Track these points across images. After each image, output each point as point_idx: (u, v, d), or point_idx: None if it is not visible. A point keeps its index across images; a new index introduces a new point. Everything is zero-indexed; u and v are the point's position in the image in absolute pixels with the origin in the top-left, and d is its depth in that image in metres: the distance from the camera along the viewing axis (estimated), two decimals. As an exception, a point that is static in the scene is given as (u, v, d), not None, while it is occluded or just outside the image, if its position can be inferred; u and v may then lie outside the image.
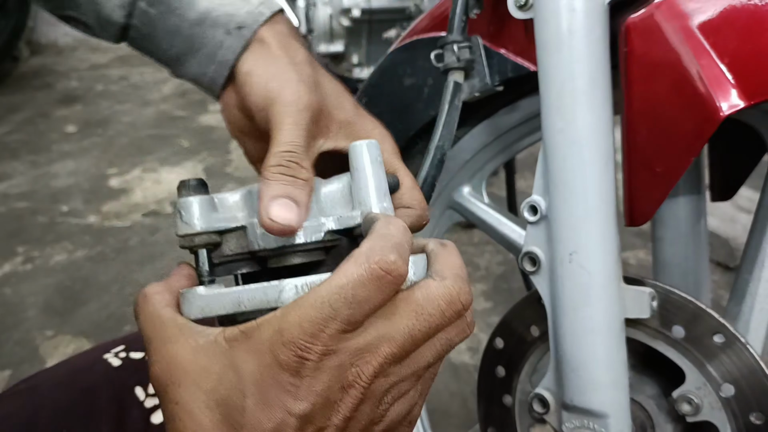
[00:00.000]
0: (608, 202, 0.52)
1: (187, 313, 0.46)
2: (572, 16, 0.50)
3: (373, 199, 0.47)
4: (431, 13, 0.71)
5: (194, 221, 0.48)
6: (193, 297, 0.46)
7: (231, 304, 0.45)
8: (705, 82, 0.49)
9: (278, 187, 0.46)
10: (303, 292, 0.43)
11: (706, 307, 0.57)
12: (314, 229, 0.49)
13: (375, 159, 0.48)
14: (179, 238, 0.49)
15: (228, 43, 0.53)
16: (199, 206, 0.48)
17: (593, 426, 0.56)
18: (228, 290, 0.46)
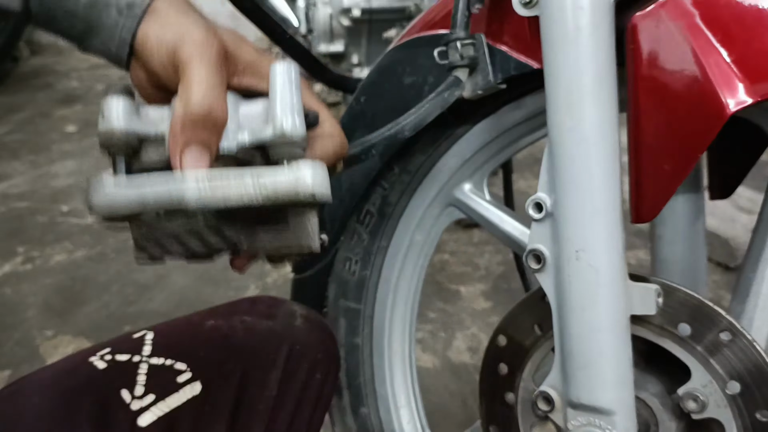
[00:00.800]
0: (615, 198, 0.52)
1: (96, 207, 0.48)
2: (579, 13, 0.49)
3: (285, 112, 0.48)
4: (431, 11, 0.71)
5: (115, 120, 0.48)
6: (102, 191, 0.48)
7: (137, 204, 0.47)
8: (712, 79, 0.49)
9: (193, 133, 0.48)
10: (203, 188, 0.46)
11: (712, 305, 0.57)
12: (228, 141, 0.49)
13: (291, 79, 0.49)
14: (99, 136, 0.49)
15: (122, 23, 0.53)
16: (123, 107, 0.49)
17: (599, 423, 0.56)
18: (133, 190, 0.47)
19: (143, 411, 0.58)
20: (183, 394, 0.60)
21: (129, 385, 0.59)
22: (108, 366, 0.60)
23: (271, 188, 0.47)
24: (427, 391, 1.57)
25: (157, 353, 0.63)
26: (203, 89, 0.49)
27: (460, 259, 2.13)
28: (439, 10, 0.69)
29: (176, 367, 0.62)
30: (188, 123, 0.49)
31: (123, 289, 1.95)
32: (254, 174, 0.47)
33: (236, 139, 0.50)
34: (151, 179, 0.47)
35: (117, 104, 0.48)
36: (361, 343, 0.87)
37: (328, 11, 2.43)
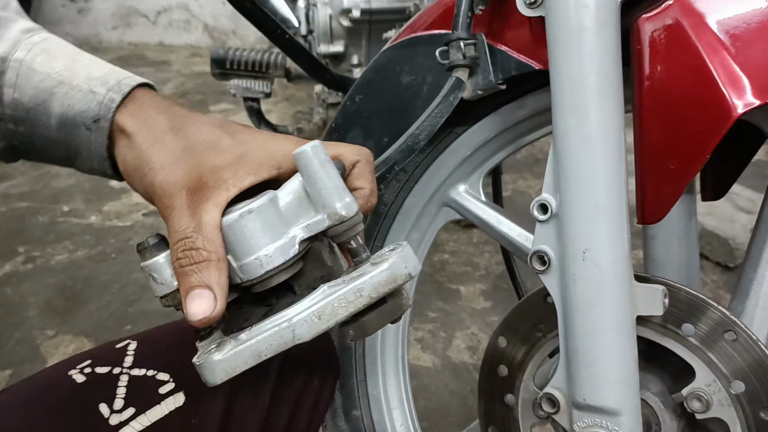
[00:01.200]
0: (621, 198, 0.52)
1: (213, 381, 0.48)
2: (585, 12, 0.50)
3: (335, 199, 0.48)
4: (429, 10, 0.71)
5: (169, 279, 0.48)
6: (212, 364, 0.47)
7: (252, 358, 0.47)
8: (718, 80, 0.49)
9: (185, 281, 0.47)
10: (313, 323, 0.47)
11: (716, 304, 0.57)
12: (288, 245, 0.49)
13: (323, 160, 0.48)
14: (160, 300, 0.49)
15: (93, 139, 0.53)
16: (168, 262, 0.48)
17: (606, 424, 0.56)
18: (243, 346, 0.47)
19: (122, 426, 0.56)
20: (165, 406, 0.58)
21: (108, 398, 0.57)
22: (87, 379, 0.58)
23: (372, 290, 0.47)
24: (427, 390, 1.58)
25: (139, 364, 0.60)
26: (180, 237, 0.48)
27: (460, 259, 2.14)
28: (437, 10, 0.69)
29: (158, 377, 0.60)
30: (179, 276, 0.48)
31: (124, 288, 1.95)
32: (352, 287, 0.47)
33: (296, 240, 0.49)
34: (255, 330, 0.48)
35: (164, 264, 0.49)
36: (354, 345, 0.87)
37: (328, 12, 2.43)
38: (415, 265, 0.49)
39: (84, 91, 0.52)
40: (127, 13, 4.51)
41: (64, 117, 0.52)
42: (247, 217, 0.48)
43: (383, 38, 2.28)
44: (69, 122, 0.52)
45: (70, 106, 0.52)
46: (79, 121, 0.52)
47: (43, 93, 0.52)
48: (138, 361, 0.61)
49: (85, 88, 0.52)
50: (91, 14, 4.45)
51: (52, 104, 0.52)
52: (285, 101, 3.55)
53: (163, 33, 4.59)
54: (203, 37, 4.59)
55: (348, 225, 0.49)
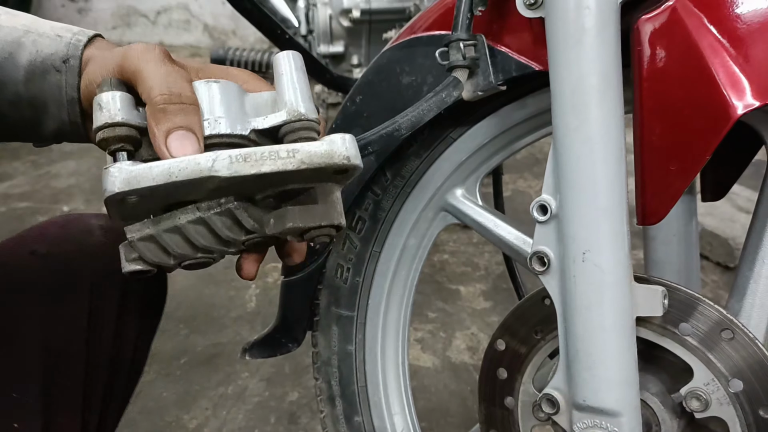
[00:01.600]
0: (621, 199, 0.52)
1: (111, 187, 0.44)
2: (585, 14, 0.50)
3: (299, 98, 0.48)
4: (429, 11, 0.71)
5: (115, 111, 0.46)
6: (120, 169, 0.44)
7: (162, 176, 0.44)
8: (718, 81, 0.49)
9: (168, 119, 0.46)
10: (237, 162, 0.44)
11: (713, 303, 0.57)
12: (240, 122, 0.49)
13: (299, 66, 0.49)
14: (98, 132, 0.47)
15: (64, 80, 0.53)
16: (121, 100, 0.47)
17: (606, 425, 0.56)
18: (158, 162, 0.44)
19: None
20: None
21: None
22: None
23: (305, 156, 0.45)
24: (427, 390, 1.58)
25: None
26: (158, 77, 0.48)
27: (460, 259, 2.14)
28: (437, 10, 0.69)
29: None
30: (158, 111, 0.47)
31: (123, 289, 1.95)
32: (286, 146, 0.46)
33: (249, 125, 0.49)
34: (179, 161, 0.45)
35: (117, 99, 0.47)
36: (354, 351, 0.86)
37: (328, 12, 2.43)
38: (355, 154, 0.47)
39: (51, 36, 0.54)
40: (126, 13, 4.51)
41: (33, 64, 0.53)
42: (213, 85, 0.49)
43: (383, 38, 2.29)
44: (38, 69, 0.53)
45: (39, 52, 0.53)
46: (48, 65, 0.53)
47: (10, 44, 0.53)
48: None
49: (51, 34, 0.54)
50: (91, 14, 4.45)
51: (19, 55, 0.53)
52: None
53: (163, 33, 4.60)
54: (203, 37, 4.59)
55: (304, 125, 0.48)
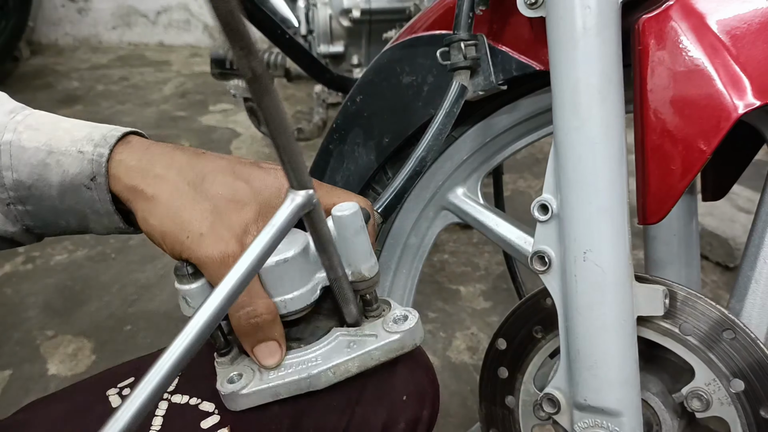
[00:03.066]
0: (622, 199, 0.52)
1: (234, 408, 0.52)
2: (586, 13, 0.50)
3: (362, 261, 0.51)
4: (429, 11, 0.71)
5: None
6: (236, 397, 0.52)
7: (270, 396, 0.52)
8: (719, 81, 0.50)
9: (253, 337, 0.52)
10: (327, 374, 0.51)
11: (714, 303, 0.57)
12: (310, 292, 0.52)
13: (360, 227, 0.51)
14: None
15: (96, 196, 0.53)
16: (203, 290, 0.51)
17: (607, 424, 0.56)
18: (264, 387, 0.52)
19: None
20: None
21: (142, 429, 0.50)
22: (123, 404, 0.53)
23: (383, 355, 0.53)
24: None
25: (182, 389, 0.54)
26: (240, 306, 0.50)
27: (460, 259, 2.14)
28: (438, 10, 0.69)
29: (201, 407, 0.53)
30: (244, 336, 0.52)
31: (124, 289, 1.95)
32: (366, 352, 0.52)
33: (318, 286, 0.53)
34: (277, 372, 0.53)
35: (197, 291, 0.51)
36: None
37: (328, 12, 2.43)
38: (421, 336, 0.54)
39: (73, 154, 0.53)
40: (126, 13, 4.51)
41: (63, 185, 0.53)
42: (282, 265, 0.51)
43: (383, 38, 2.29)
44: (69, 188, 0.53)
45: (65, 172, 0.53)
46: (77, 184, 0.53)
47: (38, 167, 0.53)
48: (182, 385, 0.55)
49: (73, 150, 0.53)
50: (91, 14, 4.44)
51: (49, 175, 0.53)
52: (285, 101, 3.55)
53: (163, 33, 4.59)
54: (203, 37, 4.59)
55: (368, 284, 0.53)
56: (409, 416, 0.57)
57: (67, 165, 0.53)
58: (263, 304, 0.51)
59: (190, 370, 0.57)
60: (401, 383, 0.57)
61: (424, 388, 0.59)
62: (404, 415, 0.57)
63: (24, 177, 0.53)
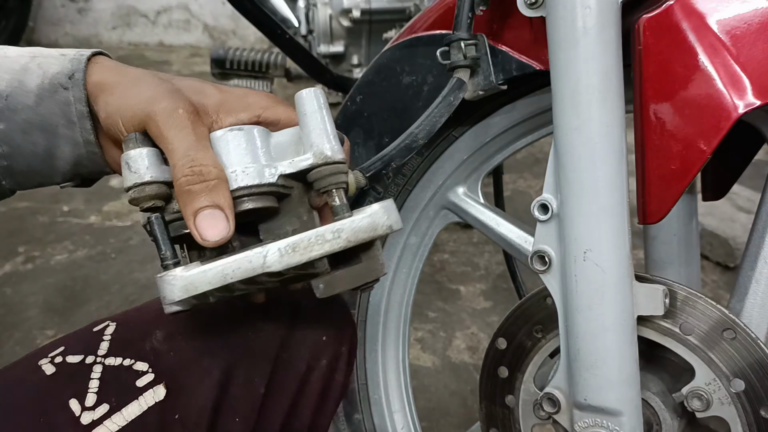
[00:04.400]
0: (622, 198, 0.52)
1: (171, 296, 0.45)
2: (586, 13, 0.50)
3: (324, 139, 0.48)
4: (429, 11, 0.71)
5: (143, 171, 0.47)
6: (174, 277, 0.45)
7: (217, 278, 0.45)
8: (719, 81, 0.50)
9: (194, 200, 0.46)
10: (287, 253, 0.45)
11: (715, 303, 0.57)
12: (266, 171, 0.49)
13: (321, 104, 0.49)
14: (127, 192, 0.47)
15: (71, 96, 0.52)
16: (148, 157, 0.47)
17: (607, 424, 0.56)
18: (211, 265, 0.45)
19: (95, 425, 0.51)
20: (143, 400, 0.53)
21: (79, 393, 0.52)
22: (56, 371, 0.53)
23: (351, 234, 0.47)
24: (427, 390, 1.58)
25: (115, 351, 0.55)
26: (182, 150, 0.48)
27: (460, 259, 2.14)
28: (438, 10, 0.69)
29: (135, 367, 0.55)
30: (183, 193, 0.47)
31: (124, 288, 1.95)
32: (330, 227, 0.47)
33: (276, 170, 0.49)
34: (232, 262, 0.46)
35: (143, 156, 0.47)
36: (355, 350, 0.87)
37: (328, 12, 2.43)
38: (396, 220, 0.49)
39: (55, 56, 0.54)
40: (126, 13, 4.51)
41: (41, 87, 0.53)
42: (235, 133, 0.49)
43: (383, 38, 2.29)
44: (46, 90, 0.53)
45: (45, 72, 0.53)
46: (56, 84, 0.52)
47: (19, 72, 0.53)
48: (114, 348, 0.56)
49: (56, 54, 0.55)
50: (91, 14, 4.44)
51: (28, 79, 0.53)
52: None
53: (163, 33, 4.60)
54: (203, 37, 4.59)
55: (332, 169, 0.48)
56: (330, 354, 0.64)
57: (47, 66, 0.53)
58: (210, 157, 0.48)
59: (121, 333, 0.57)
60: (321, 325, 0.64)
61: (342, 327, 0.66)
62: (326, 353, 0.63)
63: (3, 86, 0.53)
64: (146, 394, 0.53)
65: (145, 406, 0.53)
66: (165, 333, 0.58)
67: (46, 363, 0.54)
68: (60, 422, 0.50)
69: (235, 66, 1.95)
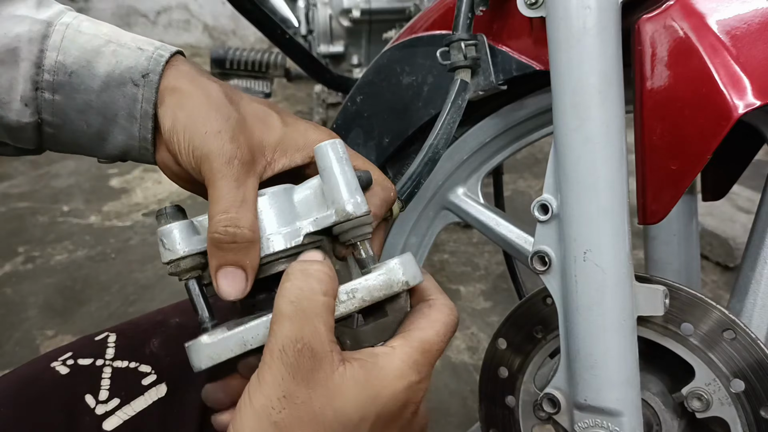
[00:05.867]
0: (622, 199, 0.52)
1: (198, 364, 0.48)
2: (586, 13, 0.50)
3: (344, 195, 0.48)
4: (429, 11, 0.71)
5: (177, 246, 0.49)
6: (199, 347, 0.48)
7: (237, 346, 0.47)
8: (719, 81, 0.49)
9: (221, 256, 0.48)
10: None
11: (715, 303, 0.57)
12: (293, 234, 0.50)
13: (341, 156, 0.49)
14: (167, 266, 0.50)
15: (141, 95, 0.52)
16: (179, 231, 0.49)
17: (607, 425, 0.56)
18: (231, 333, 0.47)
19: (108, 415, 0.57)
20: (148, 396, 0.60)
21: (93, 389, 0.58)
22: (71, 371, 0.59)
23: (365, 293, 0.47)
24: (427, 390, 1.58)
25: (120, 356, 0.61)
26: (224, 209, 0.48)
27: (460, 259, 2.14)
28: (438, 10, 0.69)
29: (140, 369, 0.61)
30: (214, 248, 0.48)
31: (123, 288, 1.95)
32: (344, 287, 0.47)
33: (302, 230, 0.50)
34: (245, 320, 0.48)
35: (175, 232, 0.49)
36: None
37: (328, 12, 2.43)
38: (414, 275, 0.49)
39: (132, 48, 0.53)
40: (126, 13, 4.51)
41: (110, 76, 0.52)
42: (261, 199, 0.49)
43: (383, 38, 2.29)
44: (115, 80, 0.52)
45: (118, 63, 0.52)
46: (126, 78, 0.52)
47: (89, 53, 0.52)
48: (119, 353, 0.62)
49: (133, 45, 0.53)
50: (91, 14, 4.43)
51: (98, 64, 0.52)
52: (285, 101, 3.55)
53: (163, 33, 4.59)
54: (203, 36, 4.59)
55: (354, 224, 0.49)
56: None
57: (123, 57, 0.52)
58: (249, 218, 0.48)
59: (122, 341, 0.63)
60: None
61: None
62: None
63: (70, 61, 0.52)
64: (150, 391, 0.60)
65: (150, 401, 0.59)
66: (160, 340, 0.64)
67: (59, 365, 0.59)
68: (78, 411, 0.56)
69: (235, 66, 1.95)
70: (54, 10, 0.53)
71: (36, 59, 0.51)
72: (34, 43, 0.51)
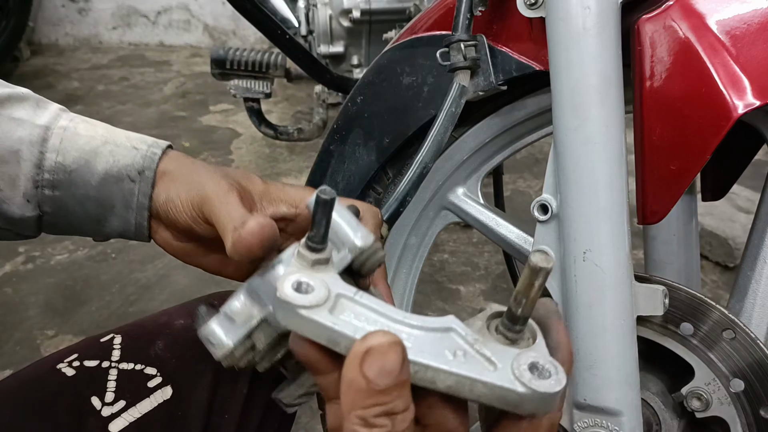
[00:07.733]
0: (621, 199, 0.52)
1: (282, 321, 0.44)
2: (586, 14, 0.50)
3: (350, 233, 0.50)
4: (429, 12, 0.71)
5: (224, 341, 0.51)
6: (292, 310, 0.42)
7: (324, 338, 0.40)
8: (718, 81, 0.50)
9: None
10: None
11: (714, 303, 0.57)
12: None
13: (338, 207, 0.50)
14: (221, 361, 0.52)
15: (137, 189, 0.57)
16: (220, 326, 0.52)
17: (606, 424, 0.56)
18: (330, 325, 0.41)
19: (114, 417, 0.59)
20: (154, 399, 0.61)
21: (99, 392, 0.60)
22: (77, 373, 0.61)
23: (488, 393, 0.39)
24: None
25: (126, 358, 0.63)
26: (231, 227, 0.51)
27: (460, 259, 2.14)
28: (438, 11, 0.69)
29: (146, 371, 0.62)
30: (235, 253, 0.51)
31: (124, 288, 1.95)
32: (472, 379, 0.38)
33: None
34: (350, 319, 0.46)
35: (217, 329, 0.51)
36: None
37: (328, 12, 2.43)
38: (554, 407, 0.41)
39: (128, 147, 0.58)
40: (127, 13, 4.51)
41: (108, 173, 0.57)
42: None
43: (383, 39, 2.29)
44: (113, 177, 0.57)
45: (116, 161, 0.57)
46: (123, 174, 0.57)
47: (88, 153, 0.57)
48: (125, 355, 0.63)
49: (128, 145, 0.58)
50: (91, 14, 4.44)
51: (96, 162, 0.57)
52: (285, 101, 3.55)
53: (163, 33, 4.59)
54: (203, 37, 4.59)
55: (368, 254, 0.51)
56: None
57: (119, 156, 0.57)
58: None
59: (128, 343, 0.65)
60: None
61: None
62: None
63: (69, 161, 0.56)
64: (156, 393, 0.61)
65: (156, 403, 0.61)
66: (165, 342, 0.65)
67: (65, 366, 0.61)
68: (85, 414, 0.58)
69: (235, 66, 1.94)
70: (51, 113, 0.58)
71: (37, 160, 0.55)
72: (35, 145, 0.55)
